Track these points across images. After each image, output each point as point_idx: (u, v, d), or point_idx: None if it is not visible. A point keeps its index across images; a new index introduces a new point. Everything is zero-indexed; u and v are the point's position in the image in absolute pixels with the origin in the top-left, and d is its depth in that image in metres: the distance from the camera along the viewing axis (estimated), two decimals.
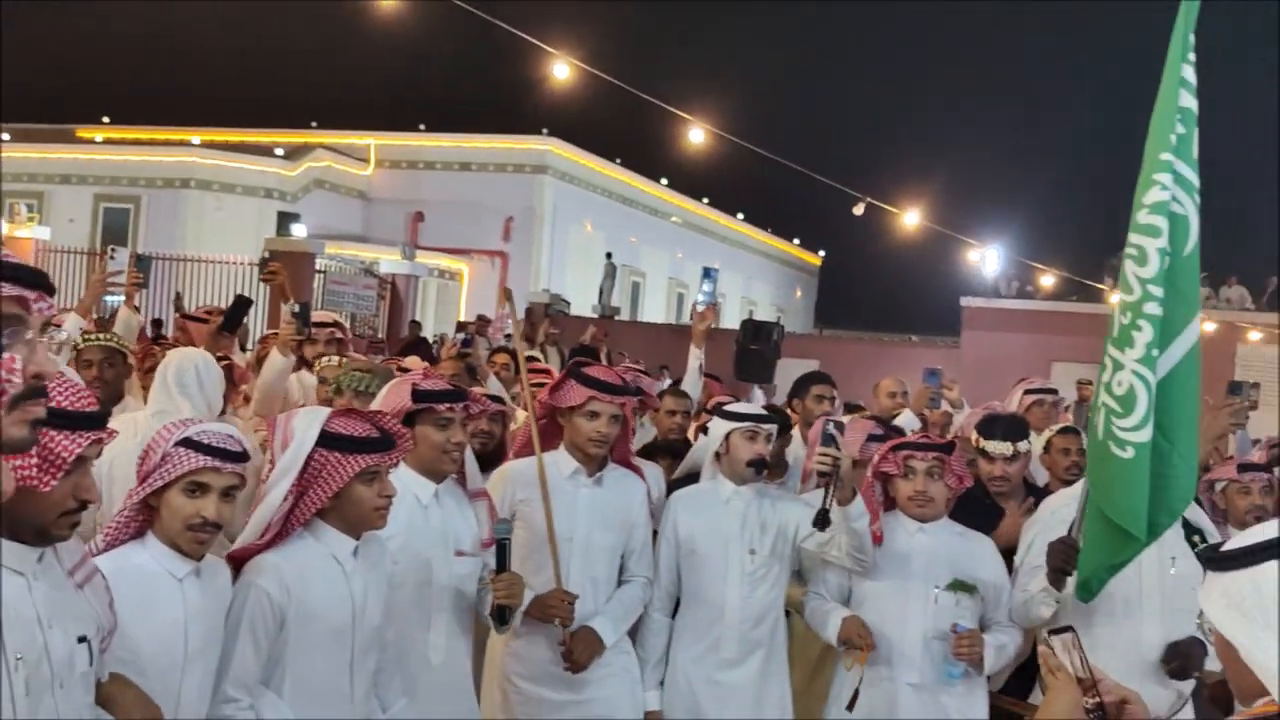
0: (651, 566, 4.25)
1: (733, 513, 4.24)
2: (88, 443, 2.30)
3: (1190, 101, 3.25)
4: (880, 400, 6.94)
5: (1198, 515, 4.16)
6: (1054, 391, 6.57)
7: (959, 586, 4.03)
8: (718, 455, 4.35)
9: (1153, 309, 3.22)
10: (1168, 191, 3.22)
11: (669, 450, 5.38)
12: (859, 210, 16.27)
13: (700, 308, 6.43)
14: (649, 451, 5.34)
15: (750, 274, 41.85)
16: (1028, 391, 6.46)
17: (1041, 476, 5.30)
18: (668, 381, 16.04)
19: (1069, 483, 4.77)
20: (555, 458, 4.13)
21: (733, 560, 4.19)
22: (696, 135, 13.44)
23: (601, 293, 26.96)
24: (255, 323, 15.62)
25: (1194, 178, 3.25)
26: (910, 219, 17.28)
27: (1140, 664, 3.88)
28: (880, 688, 4.07)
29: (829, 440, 3.80)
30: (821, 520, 3.81)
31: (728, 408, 4.52)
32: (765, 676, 4.22)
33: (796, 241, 45.86)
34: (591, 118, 24.37)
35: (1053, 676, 2.23)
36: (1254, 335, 21.22)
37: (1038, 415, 6.34)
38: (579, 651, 3.95)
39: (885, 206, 16.78)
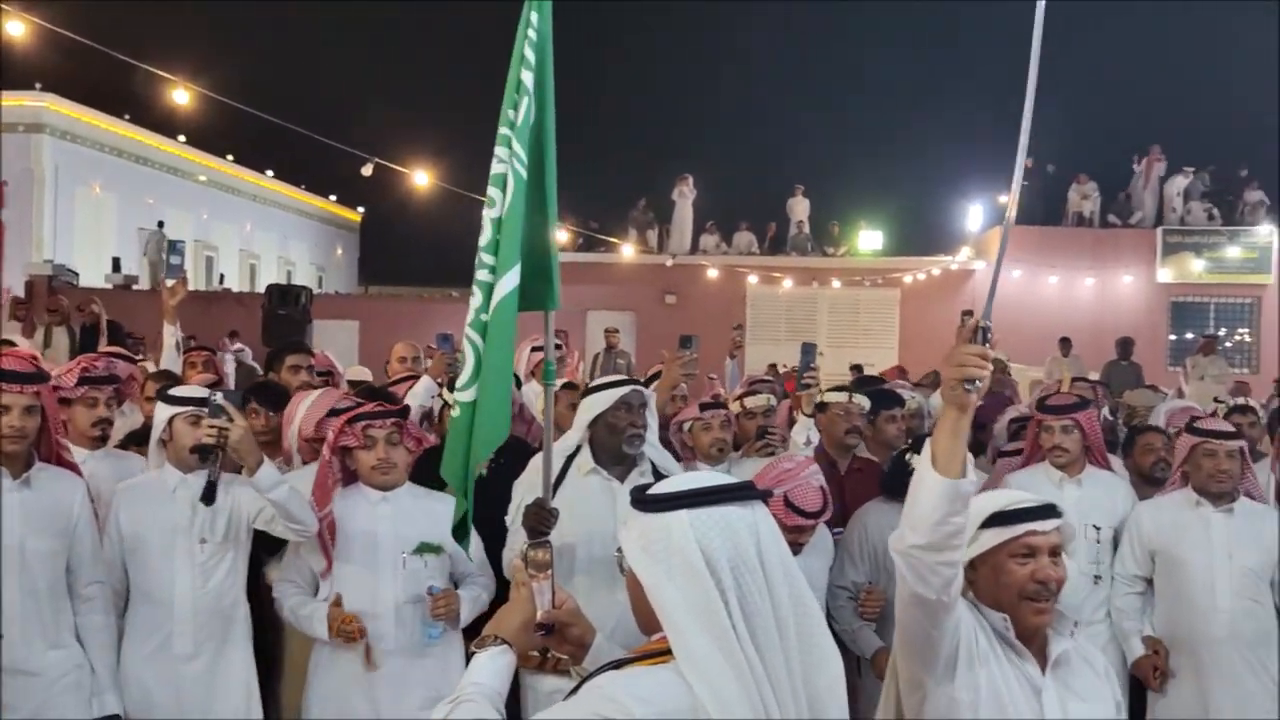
0: (102, 570, 3.98)
1: (180, 502, 4.05)
2: None
3: (528, 77, 3.48)
4: (392, 365, 6.88)
5: (665, 459, 4.43)
6: (560, 347, 6.79)
7: (425, 548, 4.09)
8: (162, 442, 4.14)
9: (484, 276, 3.42)
10: (504, 164, 3.44)
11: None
12: (367, 171, 16.12)
13: (170, 282, 6.04)
14: (138, 439, 4.98)
15: (286, 233, 40.41)
16: (534, 349, 6.63)
17: None
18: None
19: None
20: None
21: (181, 551, 4.03)
22: (181, 96, 12.88)
23: (120, 266, 25.10)
24: None
25: (522, 150, 3.45)
26: (420, 179, 17.48)
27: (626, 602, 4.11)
28: (359, 659, 4.02)
29: (217, 411, 3.74)
30: (208, 495, 3.77)
31: (170, 390, 4.28)
32: (223, 667, 4.09)
33: (334, 199, 44.68)
34: (92, 73, 22.35)
35: (518, 591, 2.33)
36: (752, 279, 23.29)
37: None
38: None
39: (394, 167, 16.75)
